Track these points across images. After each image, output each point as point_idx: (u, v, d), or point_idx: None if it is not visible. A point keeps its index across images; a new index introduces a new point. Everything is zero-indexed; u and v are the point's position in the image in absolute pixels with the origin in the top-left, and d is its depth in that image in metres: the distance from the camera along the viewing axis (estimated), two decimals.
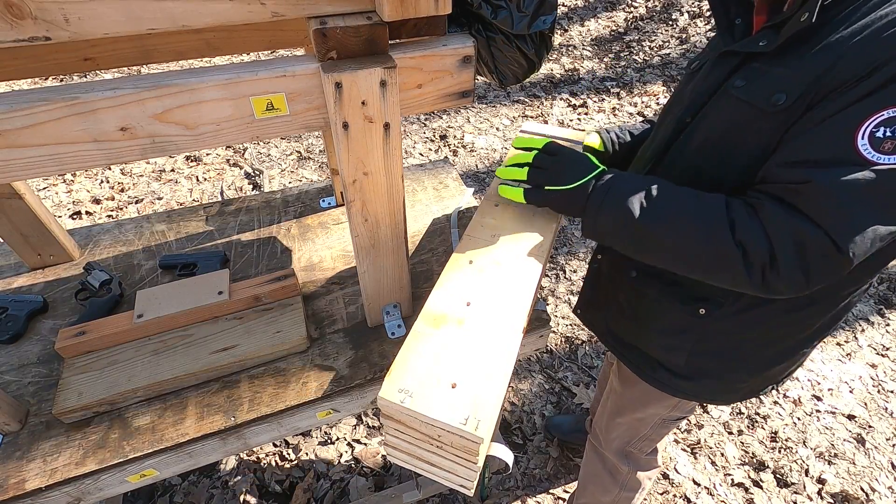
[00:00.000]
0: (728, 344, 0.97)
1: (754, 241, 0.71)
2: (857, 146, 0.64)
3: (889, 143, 0.62)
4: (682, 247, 0.78)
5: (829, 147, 0.67)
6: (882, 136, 0.62)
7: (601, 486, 1.44)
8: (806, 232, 0.68)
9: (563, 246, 2.69)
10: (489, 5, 0.86)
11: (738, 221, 0.73)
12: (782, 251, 0.69)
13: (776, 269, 0.70)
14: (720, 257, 0.74)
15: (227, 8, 0.66)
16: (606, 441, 1.37)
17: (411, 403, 0.75)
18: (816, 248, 0.67)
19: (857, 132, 0.64)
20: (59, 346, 1.00)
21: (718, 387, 1.04)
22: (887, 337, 2.28)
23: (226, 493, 1.74)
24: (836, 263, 0.68)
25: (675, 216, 0.77)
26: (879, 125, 0.62)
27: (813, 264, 0.69)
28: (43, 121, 0.64)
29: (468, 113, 3.67)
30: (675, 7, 4.58)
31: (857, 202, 0.65)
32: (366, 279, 1.04)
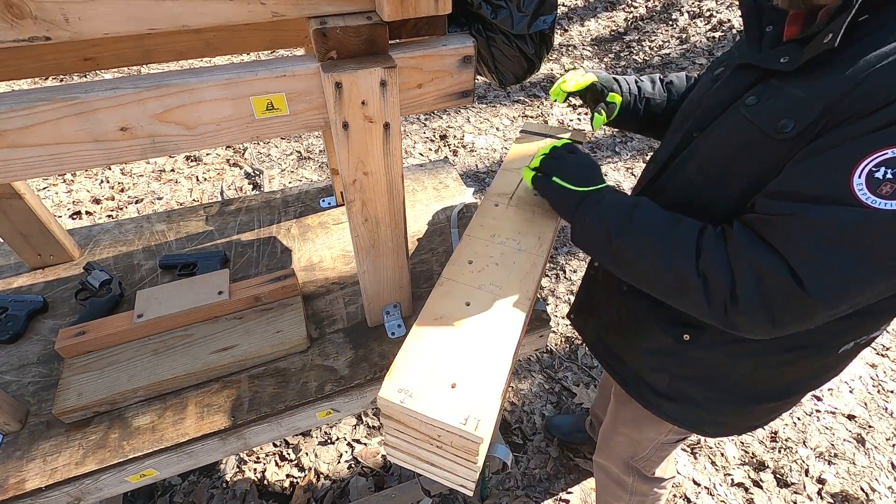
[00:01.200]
0: (711, 373, 0.94)
1: (717, 272, 0.68)
2: (853, 186, 0.58)
3: (888, 187, 0.56)
4: (649, 269, 0.76)
5: (820, 182, 0.61)
6: (881, 178, 0.56)
7: (613, 495, 1.44)
8: (767, 264, 0.64)
9: (563, 246, 2.69)
10: (489, 5, 0.86)
11: (706, 250, 0.70)
12: (742, 285, 0.65)
13: (737, 304, 0.66)
14: (681, 284, 0.72)
15: (227, 8, 0.66)
16: (609, 455, 1.36)
17: (411, 403, 0.76)
18: (777, 284, 0.63)
19: (854, 169, 0.58)
20: (59, 346, 1.00)
21: (702, 416, 1.01)
22: (887, 337, 2.28)
23: (226, 493, 1.74)
24: (802, 305, 0.63)
25: (646, 238, 0.76)
26: (880, 165, 0.57)
27: (775, 303, 0.64)
28: (43, 121, 0.64)
29: (468, 113, 3.67)
30: (675, 7, 4.58)
31: (837, 243, 0.60)
32: (366, 279, 1.04)
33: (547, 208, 1.11)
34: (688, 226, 0.75)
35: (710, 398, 0.97)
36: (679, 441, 1.19)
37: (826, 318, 0.66)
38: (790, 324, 0.66)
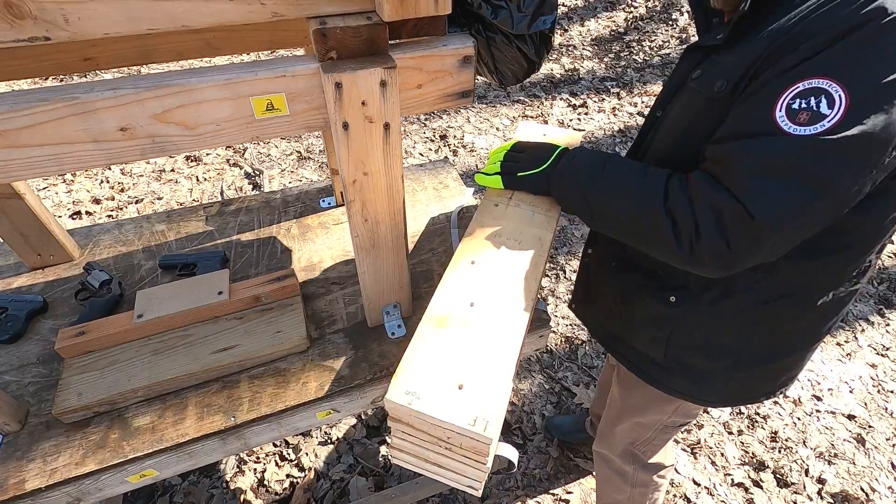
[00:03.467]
0: (702, 337, 0.97)
1: (682, 211, 0.74)
2: (776, 118, 0.66)
3: (804, 115, 0.64)
4: (622, 215, 0.83)
5: (750, 120, 0.69)
6: (797, 108, 0.64)
7: (615, 487, 1.45)
8: (723, 200, 0.70)
9: (563, 246, 2.69)
10: (489, 5, 0.86)
11: (672, 192, 0.76)
12: (703, 220, 0.72)
13: (700, 238, 0.73)
14: (652, 226, 0.78)
15: (227, 8, 0.66)
16: (610, 445, 1.37)
17: (419, 405, 0.75)
18: (732, 215, 0.69)
19: (775, 104, 0.66)
20: (59, 347, 1.00)
21: (702, 383, 1.04)
22: (887, 337, 2.28)
23: (226, 493, 1.74)
24: (753, 232, 0.69)
25: (619, 186, 0.83)
26: (796, 97, 0.64)
27: (731, 233, 0.70)
28: (43, 121, 0.64)
29: (468, 113, 3.67)
30: (675, 7, 4.58)
31: (770, 170, 0.67)
32: (366, 279, 1.04)
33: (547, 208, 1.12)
34: (656, 173, 0.81)
35: (705, 364, 1.00)
36: (682, 425, 1.20)
37: (778, 245, 0.72)
38: (746, 251, 0.72)
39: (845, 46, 0.63)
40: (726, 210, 0.70)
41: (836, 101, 0.62)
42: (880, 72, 0.61)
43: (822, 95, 0.63)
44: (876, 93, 0.62)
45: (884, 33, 0.61)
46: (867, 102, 0.62)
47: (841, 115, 0.62)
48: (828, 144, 0.64)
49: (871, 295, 2.46)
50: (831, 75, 0.63)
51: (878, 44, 0.61)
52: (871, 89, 0.62)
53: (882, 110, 0.62)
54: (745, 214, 0.68)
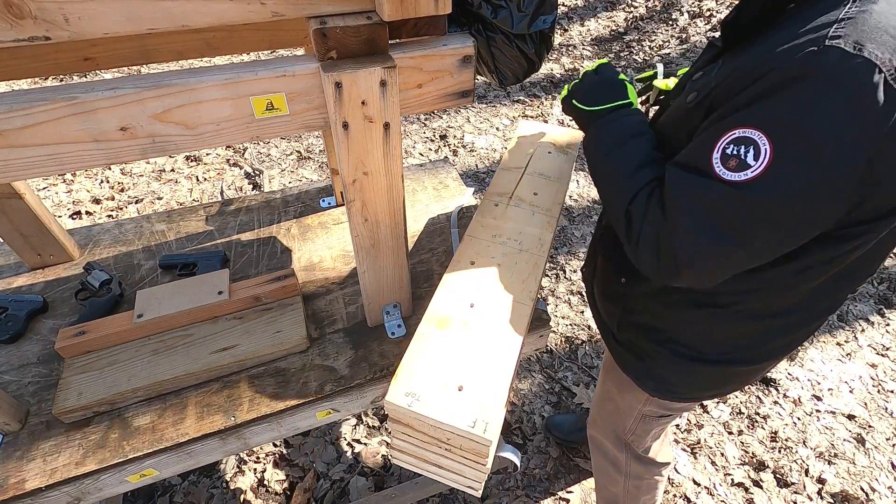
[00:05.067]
0: (648, 321, 1.00)
1: (636, 218, 0.78)
2: (712, 160, 0.68)
3: (734, 161, 0.65)
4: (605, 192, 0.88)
5: (696, 155, 0.71)
6: (730, 154, 0.66)
7: (609, 478, 1.45)
8: (661, 224, 0.74)
9: (563, 246, 2.69)
10: (489, 5, 0.86)
11: (638, 197, 0.79)
12: (645, 234, 0.76)
13: (638, 247, 0.77)
14: (616, 215, 0.83)
15: (227, 8, 0.66)
16: (601, 427, 1.38)
17: (419, 407, 0.75)
18: (663, 240, 0.73)
19: (715, 146, 0.67)
20: (59, 346, 1.00)
21: (646, 367, 1.05)
22: (887, 337, 2.28)
23: (226, 493, 1.74)
24: (675, 261, 0.72)
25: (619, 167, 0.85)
26: (730, 143, 0.66)
27: (661, 254, 0.74)
28: (43, 121, 0.64)
29: (468, 113, 3.67)
30: (675, 7, 4.58)
31: (697, 211, 0.69)
32: (366, 279, 1.04)
33: (546, 208, 1.12)
34: (646, 173, 0.81)
35: (651, 349, 1.02)
36: (663, 417, 1.20)
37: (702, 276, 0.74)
38: (670, 274, 0.75)
39: (780, 99, 0.63)
40: (662, 235, 0.73)
41: (762, 154, 0.63)
42: (806, 130, 0.61)
43: (752, 146, 0.64)
44: (799, 150, 0.62)
45: (816, 92, 0.60)
46: (789, 159, 0.62)
47: (763, 167, 0.63)
48: (747, 195, 0.65)
49: (871, 295, 2.45)
50: (761, 127, 0.63)
51: (808, 101, 0.61)
52: (795, 146, 0.62)
53: (804, 168, 0.62)
54: (669, 242, 0.72)
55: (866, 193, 0.65)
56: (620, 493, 1.44)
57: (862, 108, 0.59)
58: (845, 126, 0.60)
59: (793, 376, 2.13)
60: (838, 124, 0.60)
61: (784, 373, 2.14)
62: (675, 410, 1.18)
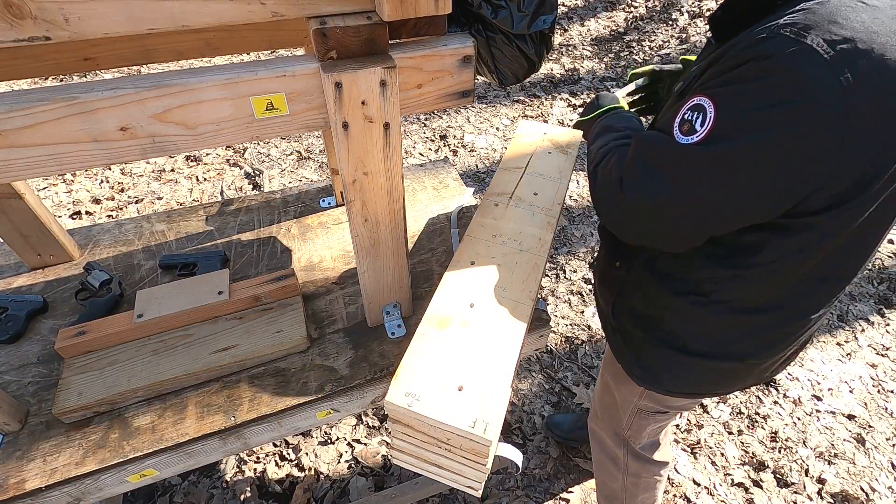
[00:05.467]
0: (639, 307, 1.02)
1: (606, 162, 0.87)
2: (674, 124, 0.74)
3: (686, 126, 0.72)
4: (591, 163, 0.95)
5: (664, 123, 0.78)
6: (686, 119, 0.72)
7: (608, 474, 1.45)
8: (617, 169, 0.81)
9: (563, 246, 2.69)
10: (489, 5, 0.86)
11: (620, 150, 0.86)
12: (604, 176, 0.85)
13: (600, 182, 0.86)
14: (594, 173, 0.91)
15: (227, 8, 0.66)
16: (600, 418, 1.39)
17: (419, 407, 0.75)
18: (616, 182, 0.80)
19: (678, 114, 0.74)
20: (59, 346, 1.00)
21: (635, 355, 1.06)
22: (887, 337, 2.28)
23: (226, 493, 1.74)
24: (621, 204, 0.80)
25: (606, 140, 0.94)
26: (688, 110, 0.72)
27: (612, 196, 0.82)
28: (43, 121, 0.64)
29: (468, 113, 3.67)
30: (675, 7, 4.58)
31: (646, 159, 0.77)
32: (366, 279, 1.04)
33: (546, 208, 1.12)
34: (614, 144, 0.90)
35: (640, 336, 1.04)
36: (659, 414, 1.20)
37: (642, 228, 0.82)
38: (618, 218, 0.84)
39: (731, 76, 0.68)
40: (615, 177, 0.81)
41: (707, 120, 0.69)
42: (746, 103, 0.66)
43: (701, 113, 0.70)
44: (736, 121, 0.67)
45: (758, 73, 0.65)
46: (728, 126, 0.67)
47: (706, 133, 0.69)
48: (688, 153, 0.71)
49: (870, 295, 2.46)
50: (712, 96, 0.69)
51: (750, 80, 0.66)
52: (734, 116, 0.67)
53: (737, 137, 0.67)
54: (620, 184, 0.79)
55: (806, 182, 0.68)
56: (619, 489, 1.44)
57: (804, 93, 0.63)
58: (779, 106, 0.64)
59: (793, 376, 2.13)
60: (772, 104, 0.64)
61: (784, 373, 2.14)
62: (670, 408, 1.18)
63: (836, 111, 0.62)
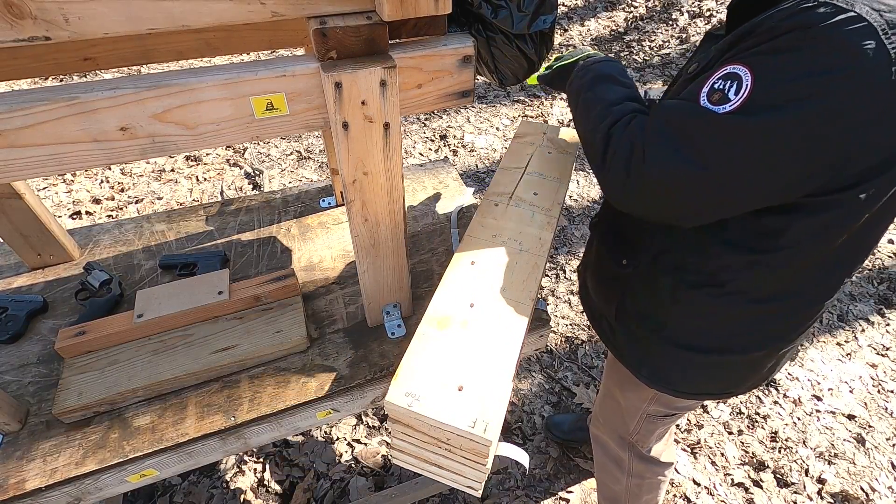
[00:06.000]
0: (646, 306, 1.00)
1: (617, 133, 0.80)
2: (701, 93, 0.71)
3: (717, 95, 0.69)
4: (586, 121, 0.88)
5: (688, 92, 0.75)
6: (716, 88, 0.69)
7: (611, 476, 1.44)
8: (638, 139, 0.76)
9: (563, 246, 2.69)
10: (489, 5, 0.86)
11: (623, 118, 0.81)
12: (620, 147, 0.78)
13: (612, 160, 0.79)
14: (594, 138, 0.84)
15: (227, 8, 0.66)
16: (603, 424, 1.38)
17: (419, 407, 0.75)
18: (636, 153, 0.75)
19: (706, 82, 0.71)
20: (59, 346, 1.00)
21: (642, 356, 1.05)
22: (887, 337, 2.28)
23: (226, 493, 1.74)
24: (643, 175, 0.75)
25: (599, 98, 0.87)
26: (719, 79, 0.69)
27: (631, 167, 0.76)
28: (43, 121, 0.64)
29: (468, 113, 3.67)
30: (675, 7, 4.58)
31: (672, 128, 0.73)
32: (366, 279, 1.04)
33: (546, 208, 1.12)
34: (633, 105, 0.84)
35: (646, 336, 1.02)
36: (668, 417, 1.20)
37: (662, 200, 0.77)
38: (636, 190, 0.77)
39: (771, 46, 0.66)
40: (636, 147, 0.75)
41: (743, 88, 0.66)
42: (787, 72, 0.64)
43: (735, 81, 0.67)
44: (776, 89, 0.65)
45: (805, 41, 0.63)
46: (769, 95, 0.65)
47: (741, 101, 0.66)
48: (720, 123, 0.68)
49: (870, 295, 2.45)
50: (748, 64, 0.67)
51: (798, 47, 0.63)
52: (774, 85, 0.65)
53: (778, 107, 0.65)
54: (642, 156, 0.74)
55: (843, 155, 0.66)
56: (622, 491, 1.44)
57: (850, 61, 0.61)
58: (824, 74, 0.62)
59: (793, 376, 2.13)
60: (817, 72, 0.62)
61: (784, 373, 2.14)
62: (679, 409, 1.18)
63: (882, 80, 0.61)
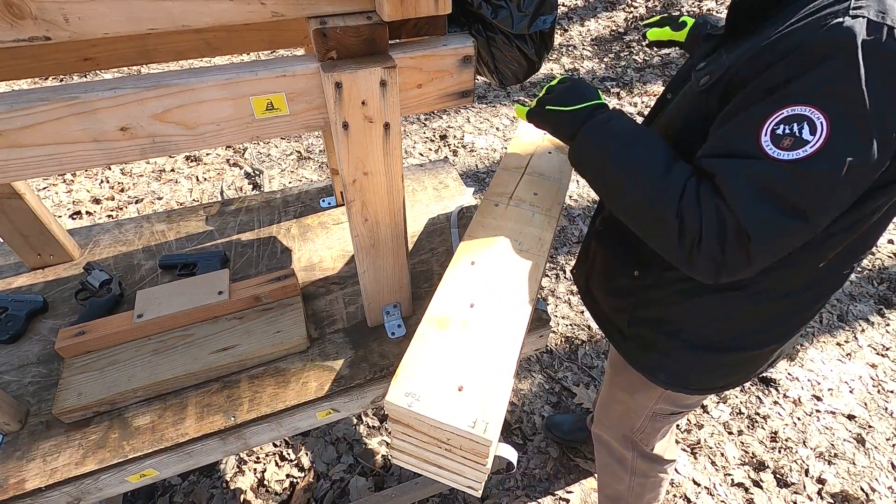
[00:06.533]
0: (661, 314, 0.99)
1: (691, 213, 0.73)
2: (761, 142, 0.68)
3: (788, 140, 0.66)
4: (633, 200, 0.81)
5: (738, 140, 0.71)
6: (782, 134, 0.66)
7: (614, 475, 1.44)
8: (727, 211, 0.71)
9: (563, 246, 2.69)
10: (489, 5, 0.86)
11: (686, 192, 0.75)
12: (708, 224, 0.72)
13: (700, 244, 0.73)
14: (660, 220, 0.77)
15: (227, 8, 0.66)
16: (607, 427, 1.38)
17: (419, 407, 0.75)
18: (733, 227, 0.70)
19: (761, 129, 0.68)
20: (59, 346, 1.00)
21: (660, 362, 1.05)
22: (887, 337, 2.28)
23: (226, 493, 1.74)
24: (746, 248, 0.71)
25: (641, 171, 0.80)
26: (780, 123, 0.66)
27: (729, 243, 0.71)
28: (43, 121, 0.64)
29: (468, 113, 3.67)
30: (675, 7, 4.58)
31: (760, 193, 0.69)
32: (366, 279, 1.04)
33: (546, 208, 1.11)
34: (680, 169, 0.78)
35: (663, 342, 1.01)
36: (674, 415, 1.20)
37: (765, 262, 0.73)
38: (737, 263, 0.73)
39: (822, 74, 0.64)
40: (729, 220, 0.70)
41: (818, 128, 0.64)
42: (859, 100, 0.63)
43: (805, 122, 0.65)
44: (854, 120, 0.64)
45: (855, 62, 0.62)
46: (846, 129, 0.64)
47: (823, 141, 0.64)
48: (810, 171, 0.66)
49: (870, 295, 2.45)
50: (813, 102, 0.64)
51: (851, 72, 0.63)
52: (849, 116, 0.64)
53: (860, 136, 0.64)
54: (743, 230, 0.70)
55: None
56: (624, 490, 1.44)
57: None
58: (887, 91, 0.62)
59: (793, 376, 2.13)
60: (881, 90, 0.62)
61: (784, 373, 2.14)
62: (686, 407, 1.18)
63: None
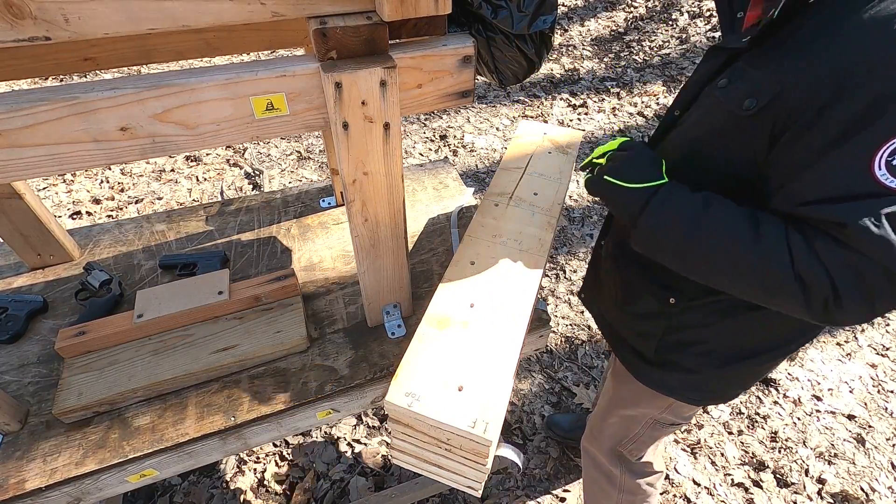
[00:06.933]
0: (693, 335, 0.98)
1: (815, 275, 0.68)
2: (878, 178, 0.63)
3: None
4: (732, 271, 0.75)
5: (850, 182, 0.66)
6: None
7: (602, 492, 1.43)
8: (864, 264, 0.66)
9: (563, 246, 2.69)
10: (489, 5, 0.86)
11: (798, 254, 0.70)
12: (844, 284, 0.67)
13: (839, 301, 0.68)
14: (778, 288, 0.72)
15: (227, 8, 0.66)
16: (598, 440, 1.36)
17: (419, 407, 0.76)
18: (877, 278, 0.66)
19: (872, 164, 0.63)
20: (59, 346, 1.00)
21: (688, 381, 1.04)
22: (887, 337, 2.28)
23: (226, 493, 1.74)
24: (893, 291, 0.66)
25: (727, 242, 0.74)
26: (893, 153, 0.61)
27: (877, 294, 0.67)
28: (43, 121, 0.64)
29: (468, 113, 3.67)
30: (675, 7, 4.58)
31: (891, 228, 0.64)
32: (366, 279, 1.04)
33: (546, 208, 1.11)
34: (771, 227, 0.73)
35: (693, 363, 1.00)
36: (672, 425, 1.19)
37: None
38: (888, 305, 0.69)
39: None
40: (869, 272, 0.66)
41: None
42: None
43: None
44: None
45: None
46: None
47: None
48: None
49: None
50: None
51: None
52: None
53: None
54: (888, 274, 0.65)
55: None
56: None
57: None
58: None
59: (793, 376, 2.13)
60: None
61: (784, 373, 2.14)
62: (687, 419, 1.18)
63: None
